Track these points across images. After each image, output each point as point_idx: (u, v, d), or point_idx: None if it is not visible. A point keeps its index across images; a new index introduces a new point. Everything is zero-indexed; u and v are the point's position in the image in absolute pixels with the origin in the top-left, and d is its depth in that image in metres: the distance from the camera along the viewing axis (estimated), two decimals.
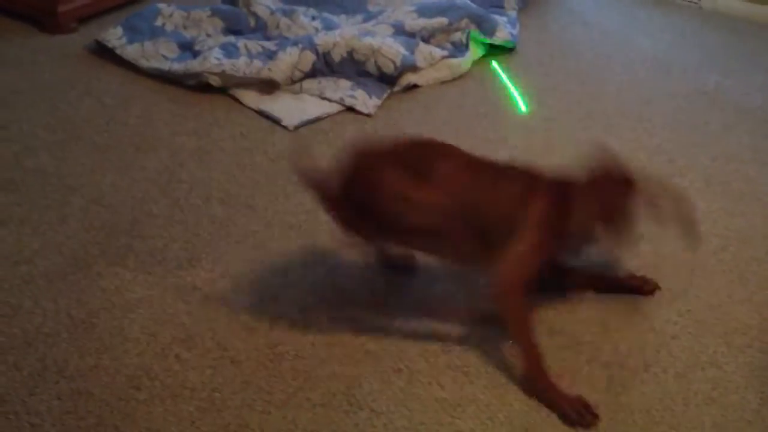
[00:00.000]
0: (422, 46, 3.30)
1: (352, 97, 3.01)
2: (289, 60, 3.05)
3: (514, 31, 3.60)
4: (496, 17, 3.60)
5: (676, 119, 3.13)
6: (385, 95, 3.08)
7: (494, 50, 3.50)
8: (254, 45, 3.21)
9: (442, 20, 3.45)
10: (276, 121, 2.87)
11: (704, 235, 2.46)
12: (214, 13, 3.44)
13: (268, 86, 3.02)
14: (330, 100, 3.01)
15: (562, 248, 1.99)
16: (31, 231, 2.24)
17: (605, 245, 1.98)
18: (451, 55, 3.35)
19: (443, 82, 3.26)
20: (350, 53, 3.14)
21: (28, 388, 1.77)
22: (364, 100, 3.00)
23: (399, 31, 3.36)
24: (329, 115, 2.94)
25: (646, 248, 2.37)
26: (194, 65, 3.02)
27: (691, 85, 3.41)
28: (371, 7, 3.78)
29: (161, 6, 3.40)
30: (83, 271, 2.11)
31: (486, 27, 3.49)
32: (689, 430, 1.81)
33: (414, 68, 3.20)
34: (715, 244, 2.42)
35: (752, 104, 3.29)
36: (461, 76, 3.31)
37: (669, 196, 1.93)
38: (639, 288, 2.19)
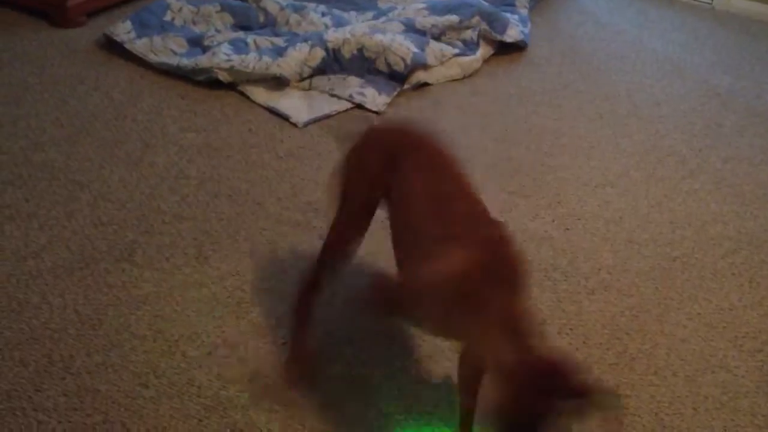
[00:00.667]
0: (433, 43, 3.28)
1: (362, 94, 3.00)
2: (298, 56, 3.04)
3: (526, 30, 3.59)
4: (508, 15, 3.58)
5: (688, 121, 3.11)
6: (395, 93, 3.07)
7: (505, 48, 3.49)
8: (264, 41, 3.20)
9: (453, 18, 3.43)
10: (285, 118, 2.86)
11: (715, 238, 2.44)
12: (224, 8, 3.43)
13: (278, 83, 3.01)
14: (339, 98, 2.99)
15: None
16: (38, 226, 2.24)
17: None
18: (462, 53, 3.34)
19: (453, 80, 3.25)
20: (360, 50, 3.13)
21: (34, 385, 1.77)
22: (374, 98, 2.99)
23: (410, 28, 3.35)
24: (338, 113, 2.93)
25: (656, 251, 2.36)
26: (203, 61, 3.01)
27: (704, 87, 3.39)
28: (382, 4, 3.76)
29: (170, 0, 3.38)
30: (90, 267, 2.11)
31: (497, 25, 3.47)
32: None
33: (424, 66, 3.19)
34: (726, 247, 2.41)
35: (765, 106, 3.26)
36: (471, 75, 3.30)
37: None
38: None
